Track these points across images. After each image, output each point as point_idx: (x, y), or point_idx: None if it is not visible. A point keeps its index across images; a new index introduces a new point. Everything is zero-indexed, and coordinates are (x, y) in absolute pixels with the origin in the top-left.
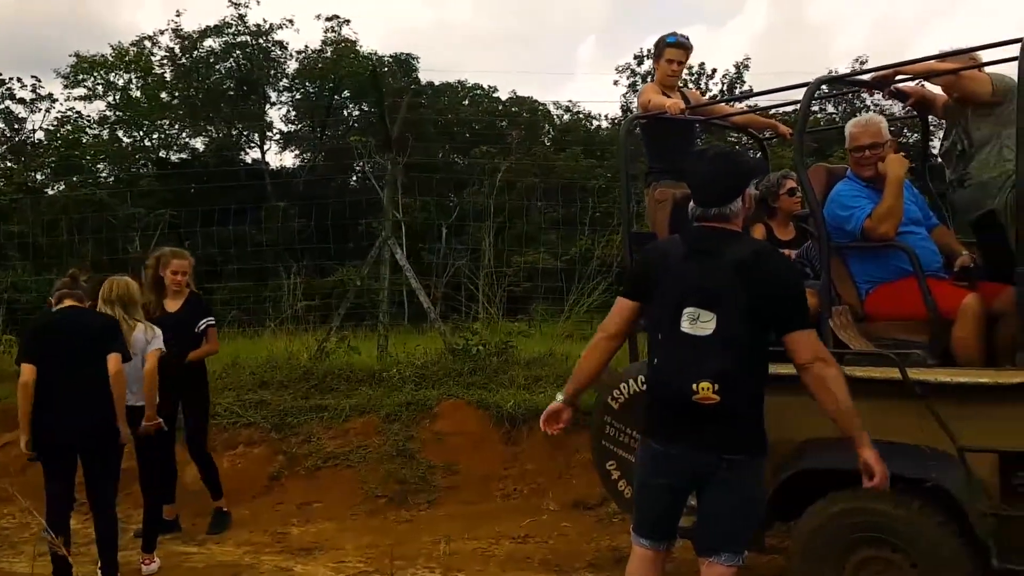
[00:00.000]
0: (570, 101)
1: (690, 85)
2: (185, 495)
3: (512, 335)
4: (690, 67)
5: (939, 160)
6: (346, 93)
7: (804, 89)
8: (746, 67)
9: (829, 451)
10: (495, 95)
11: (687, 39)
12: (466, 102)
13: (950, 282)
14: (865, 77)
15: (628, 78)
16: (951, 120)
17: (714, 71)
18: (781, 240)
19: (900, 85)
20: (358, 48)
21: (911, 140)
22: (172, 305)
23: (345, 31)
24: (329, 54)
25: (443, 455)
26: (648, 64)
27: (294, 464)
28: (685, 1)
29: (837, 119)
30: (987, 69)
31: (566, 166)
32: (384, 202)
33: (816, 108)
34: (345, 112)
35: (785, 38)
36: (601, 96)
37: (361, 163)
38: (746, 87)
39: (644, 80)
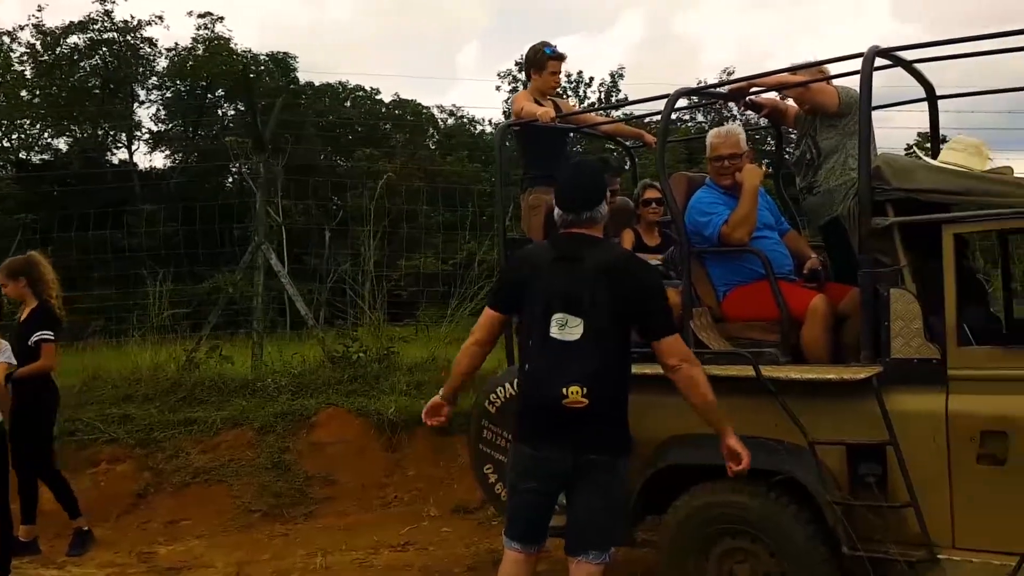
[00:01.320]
0: (454, 105)
1: (569, 93)
2: (42, 515)
3: (394, 340)
4: (568, 75)
5: (791, 168)
6: (220, 92)
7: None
8: (621, 76)
9: (692, 447)
10: (378, 97)
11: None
12: (348, 104)
13: (800, 284)
14: (722, 89)
15: (509, 84)
16: (801, 130)
17: (591, 79)
18: (648, 246)
19: (755, 97)
20: (232, 46)
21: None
22: (23, 316)
23: (219, 28)
24: (201, 52)
25: (321, 465)
26: None
27: (161, 480)
28: (562, 10)
29: (707, 128)
30: (835, 82)
31: (452, 170)
32: (257, 205)
33: (688, 118)
34: (219, 112)
35: (658, 49)
36: (484, 101)
37: (237, 164)
38: (622, 95)
39: (526, 87)
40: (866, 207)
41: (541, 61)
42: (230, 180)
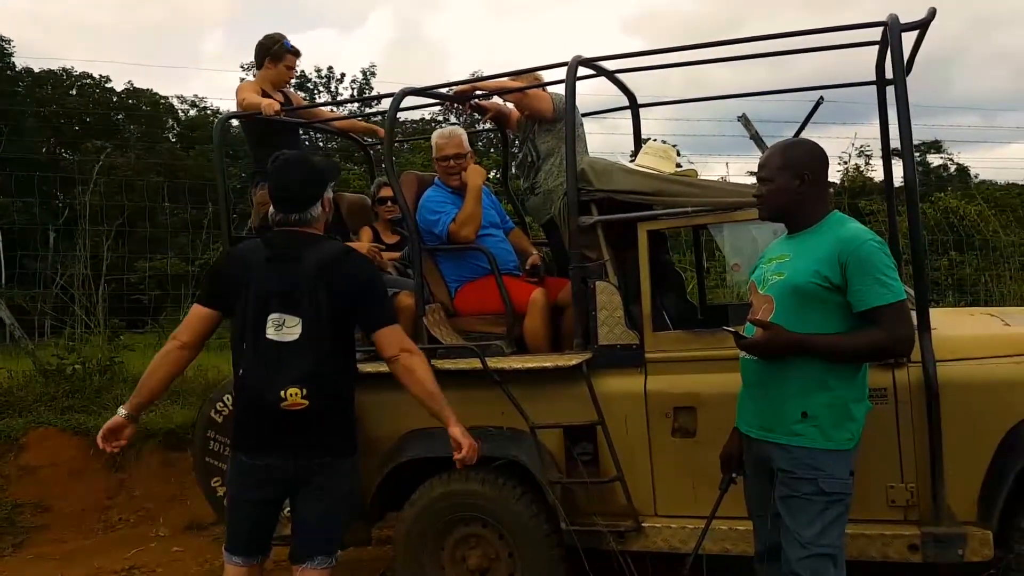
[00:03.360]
0: (196, 96)
1: (320, 88)
2: None
3: (118, 350)
4: (318, 69)
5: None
6: None
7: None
8: (373, 74)
9: (427, 441)
10: (108, 85)
11: None
12: (73, 92)
13: (523, 279)
14: (448, 91)
15: (255, 76)
16: (523, 134)
17: (343, 75)
18: (386, 243)
19: (479, 101)
20: None
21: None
22: None
23: None
24: None
25: (32, 491)
26: None
27: None
28: (309, 4)
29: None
30: (549, 89)
31: (196, 164)
32: None
33: (442, 119)
34: None
35: (409, 50)
36: (229, 92)
37: None
38: (374, 92)
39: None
40: (573, 206)
41: (279, 53)
42: None
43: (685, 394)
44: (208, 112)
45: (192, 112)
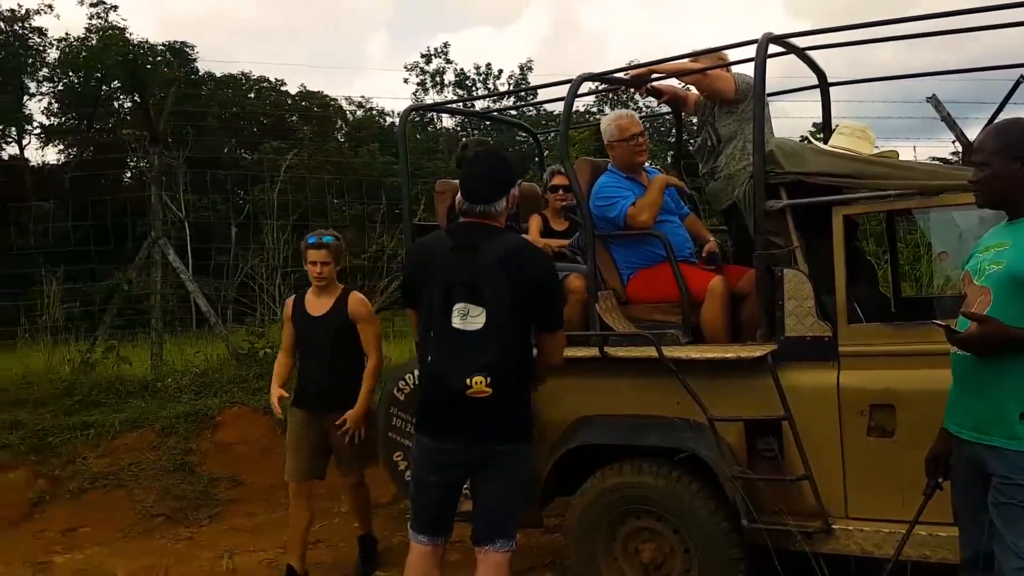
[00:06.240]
0: (362, 97)
1: (478, 84)
2: None
3: None
4: (477, 67)
5: (693, 154)
6: (115, 83)
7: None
8: (530, 69)
9: (600, 428)
10: (283, 88)
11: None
12: (252, 95)
13: (699, 266)
14: (624, 75)
15: (417, 76)
16: (701, 117)
17: (500, 72)
18: (556, 231)
19: (655, 83)
20: (128, 36)
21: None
22: None
23: (112, 18)
24: (95, 42)
25: (226, 466)
26: (436, 63)
27: (57, 488)
28: (465, 4)
29: None
30: (732, 69)
31: (363, 163)
32: (152, 200)
33: (596, 110)
34: (115, 104)
35: (565, 42)
36: (393, 93)
37: (135, 159)
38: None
39: (433, 78)
40: (760, 190)
41: None
42: (128, 175)
43: (883, 391)
44: (373, 112)
45: (359, 113)
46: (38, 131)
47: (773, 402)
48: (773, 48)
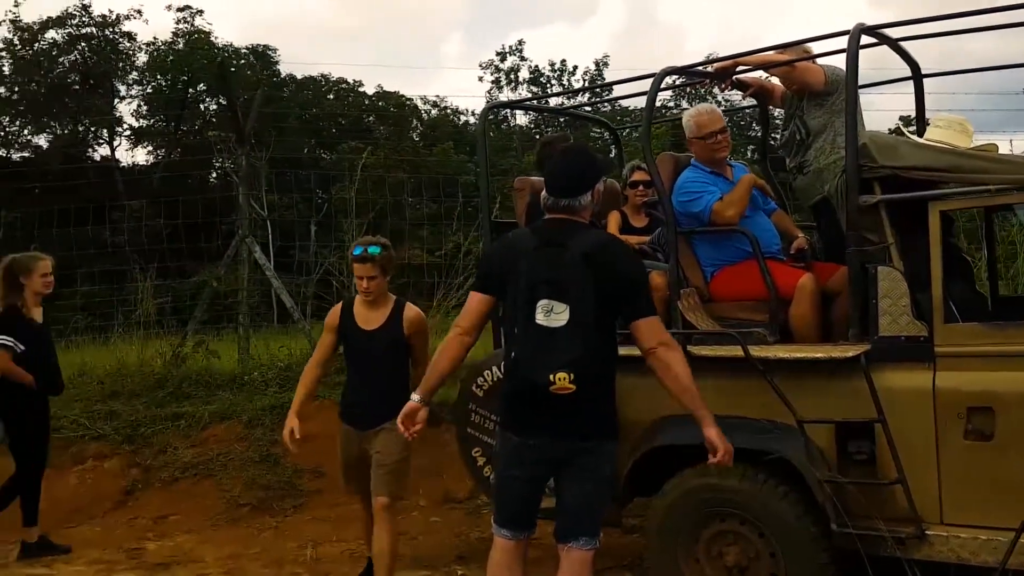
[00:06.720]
0: (437, 96)
1: (552, 82)
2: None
3: None
4: (552, 63)
5: (779, 148)
6: (202, 86)
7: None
8: (606, 64)
9: (682, 428)
10: (360, 89)
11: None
12: (331, 96)
13: (788, 264)
14: (708, 68)
15: (492, 74)
16: (789, 110)
17: (575, 68)
18: (635, 227)
19: (740, 76)
20: (213, 39)
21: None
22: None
23: (198, 22)
24: (182, 46)
25: (310, 458)
26: (511, 61)
27: (149, 476)
28: (540, 2)
29: None
30: (820, 60)
31: (437, 162)
32: (239, 199)
33: (672, 104)
34: (202, 106)
35: (641, 37)
36: (467, 91)
37: (221, 159)
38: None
39: (507, 76)
40: (853, 185)
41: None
42: (214, 175)
43: (981, 393)
44: (448, 112)
45: (434, 112)
46: (128, 133)
47: (865, 404)
48: (864, 39)
